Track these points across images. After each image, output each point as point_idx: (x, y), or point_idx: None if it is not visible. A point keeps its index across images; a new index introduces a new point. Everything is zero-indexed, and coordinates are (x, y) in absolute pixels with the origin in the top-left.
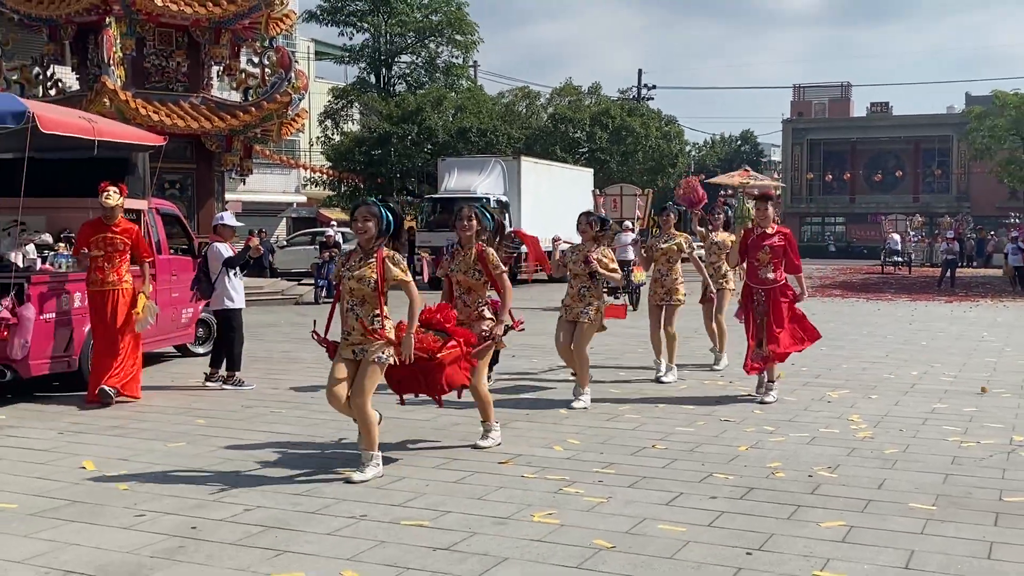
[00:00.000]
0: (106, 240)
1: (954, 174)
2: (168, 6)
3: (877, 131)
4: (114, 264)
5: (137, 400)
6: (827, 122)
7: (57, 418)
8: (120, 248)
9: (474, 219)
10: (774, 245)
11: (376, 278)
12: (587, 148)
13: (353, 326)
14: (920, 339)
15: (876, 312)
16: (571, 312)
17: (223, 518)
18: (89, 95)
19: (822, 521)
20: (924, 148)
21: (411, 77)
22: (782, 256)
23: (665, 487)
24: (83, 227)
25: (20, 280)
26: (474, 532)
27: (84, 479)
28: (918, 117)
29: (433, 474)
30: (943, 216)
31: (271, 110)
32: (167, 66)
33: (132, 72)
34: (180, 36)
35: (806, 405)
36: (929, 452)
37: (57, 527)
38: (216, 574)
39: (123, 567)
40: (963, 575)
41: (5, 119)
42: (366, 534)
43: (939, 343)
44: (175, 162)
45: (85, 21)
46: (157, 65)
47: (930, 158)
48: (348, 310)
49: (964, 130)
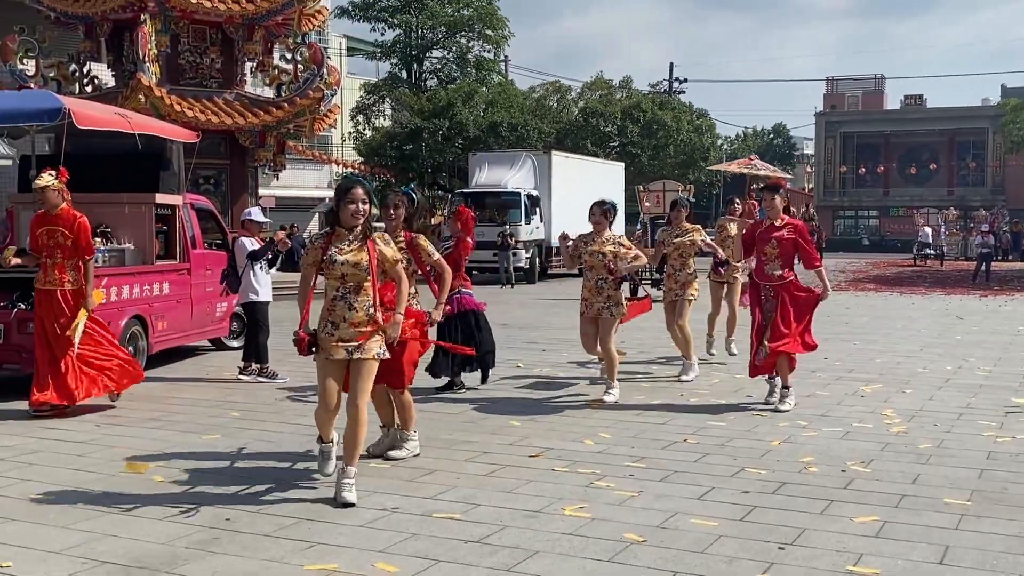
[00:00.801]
0: (48, 233)
1: (989, 167)
2: (202, 3)
3: (911, 124)
4: (55, 260)
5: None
6: (860, 115)
7: (94, 410)
8: (61, 242)
9: (401, 207)
10: (782, 239)
11: (369, 262)
12: (618, 142)
13: (344, 316)
14: (954, 333)
15: (910, 306)
16: (591, 308)
17: (257, 510)
18: (125, 92)
19: (855, 516)
20: (959, 141)
21: (442, 72)
22: (792, 251)
23: (697, 481)
24: (31, 220)
25: None
26: (505, 525)
27: (120, 471)
28: (953, 110)
29: (464, 467)
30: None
31: (304, 106)
32: (201, 62)
33: (167, 69)
34: (214, 33)
35: (839, 399)
36: (964, 447)
37: (94, 518)
38: (250, 565)
39: (158, 558)
40: (999, 571)
41: (42, 116)
42: (398, 526)
43: (974, 337)
44: (209, 158)
45: (120, 18)
46: (191, 62)
47: (965, 151)
48: (339, 299)
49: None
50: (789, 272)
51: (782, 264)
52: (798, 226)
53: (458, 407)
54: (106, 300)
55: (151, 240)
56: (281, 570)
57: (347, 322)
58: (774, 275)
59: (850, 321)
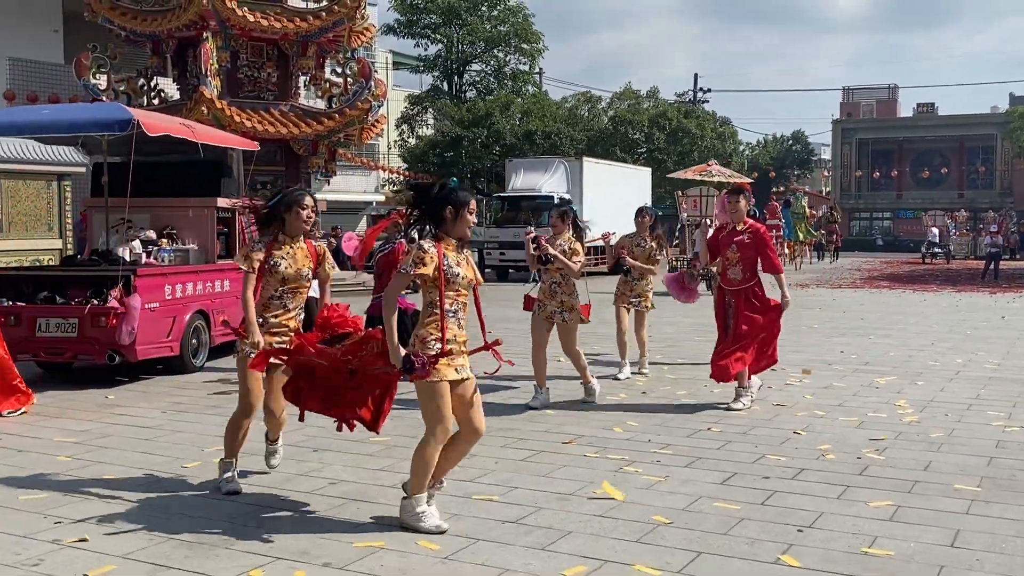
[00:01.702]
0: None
1: (997, 171)
2: (259, 22)
3: (923, 130)
4: None
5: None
6: (875, 122)
7: (160, 398)
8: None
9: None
10: (743, 243)
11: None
12: (645, 148)
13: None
14: (964, 328)
15: (922, 303)
16: (544, 310)
17: (310, 490)
18: (188, 104)
19: (870, 501)
20: (968, 146)
21: (481, 84)
22: (753, 255)
23: (720, 467)
24: None
25: (127, 273)
26: (540, 507)
27: (184, 453)
28: (963, 117)
29: (501, 452)
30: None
31: (353, 116)
32: (259, 77)
33: (227, 82)
34: (270, 49)
35: (855, 391)
36: (973, 436)
37: (161, 498)
38: (304, 542)
39: (218, 534)
40: (1008, 553)
41: (114, 126)
42: (440, 506)
43: (983, 332)
44: (266, 165)
45: (185, 36)
46: (250, 76)
47: (974, 156)
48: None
49: (1007, 129)
50: (751, 277)
51: (743, 269)
52: (758, 230)
53: (493, 398)
54: (172, 296)
55: (213, 241)
56: (332, 546)
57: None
58: (735, 280)
59: (865, 317)
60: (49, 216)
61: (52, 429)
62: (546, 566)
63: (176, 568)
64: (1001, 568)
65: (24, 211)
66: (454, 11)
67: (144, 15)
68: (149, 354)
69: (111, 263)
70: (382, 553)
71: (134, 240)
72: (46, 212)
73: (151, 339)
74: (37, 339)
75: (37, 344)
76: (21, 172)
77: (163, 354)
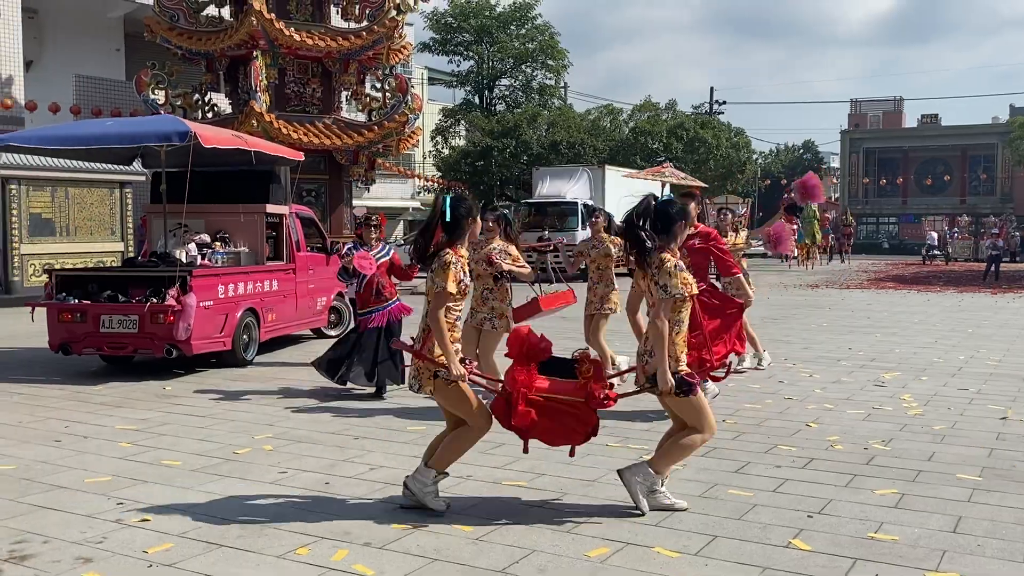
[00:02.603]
0: None
1: (998, 178)
2: (305, 41)
3: (927, 140)
4: None
5: None
6: (881, 132)
7: (214, 389)
8: None
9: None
10: (693, 248)
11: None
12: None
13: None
14: (966, 327)
15: (926, 302)
16: (475, 318)
17: (352, 475)
18: (240, 117)
19: (877, 489)
20: (971, 155)
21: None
22: (704, 260)
23: (734, 457)
24: None
25: (184, 273)
26: (565, 492)
27: (236, 440)
28: (965, 127)
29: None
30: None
31: (391, 128)
32: (304, 92)
33: (275, 97)
34: (315, 66)
35: (862, 385)
36: (975, 428)
37: (214, 481)
38: (346, 525)
39: (267, 516)
40: (1008, 539)
41: (172, 137)
42: (472, 491)
43: (984, 331)
44: (311, 173)
45: (236, 55)
46: (296, 91)
47: (976, 164)
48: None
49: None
50: (702, 283)
51: (694, 274)
52: (709, 234)
53: None
54: (224, 295)
55: (262, 244)
56: (371, 527)
57: None
58: None
59: (871, 316)
60: (112, 221)
61: (114, 418)
62: (571, 548)
63: (228, 546)
64: (1001, 553)
65: (89, 216)
66: (485, 30)
67: (199, 35)
68: (203, 348)
69: (169, 264)
70: (418, 534)
71: (190, 243)
72: (109, 217)
73: (205, 335)
74: (101, 334)
75: (101, 339)
76: (86, 180)
77: (216, 348)
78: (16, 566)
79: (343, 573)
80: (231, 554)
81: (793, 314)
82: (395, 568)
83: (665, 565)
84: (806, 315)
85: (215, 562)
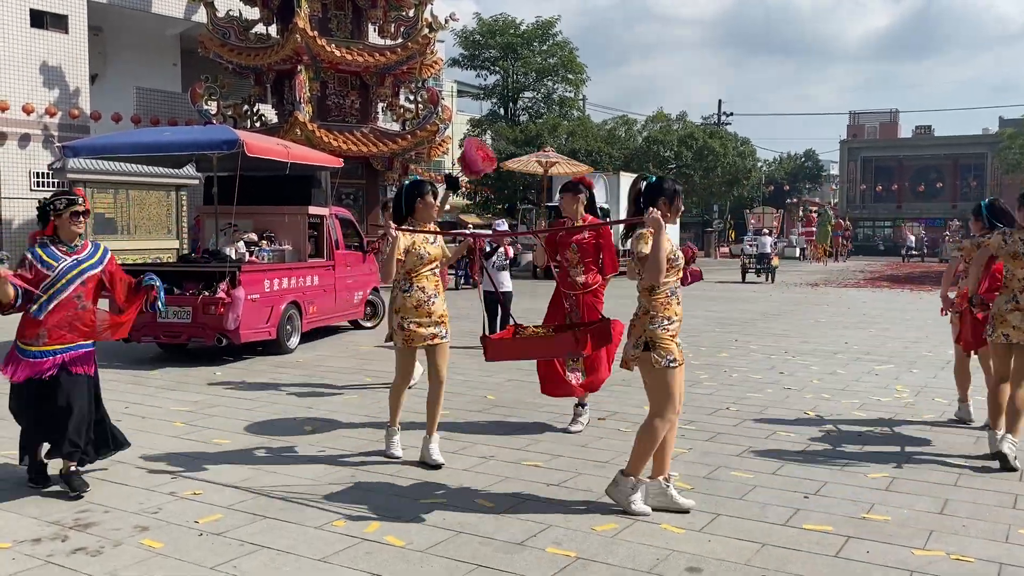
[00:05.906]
0: None
1: (988, 186)
2: (345, 57)
3: (921, 149)
4: None
5: None
6: (878, 142)
7: (260, 375)
8: None
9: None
10: (583, 243)
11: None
12: (675, 165)
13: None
14: None
15: (918, 300)
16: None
17: (383, 456)
18: (285, 126)
19: (869, 473)
20: (962, 164)
21: (532, 109)
22: (595, 254)
23: (737, 442)
24: None
25: (233, 269)
26: (579, 473)
27: (280, 422)
28: (957, 138)
29: (546, 425)
30: None
31: (423, 137)
32: (344, 103)
33: (318, 108)
34: (354, 80)
35: (857, 377)
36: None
37: (260, 459)
38: (379, 499)
39: (306, 491)
40: (990, 520)
41: (222, 145)
42: (494, 471)
43: None
44: (349, 178)
45: (282, 69)
46: (336, 103)
47: (967, 172)
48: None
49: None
50: (594, 277)
51: (585, 270)
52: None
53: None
54: (270, 289)
55: (305, 242)
56: (402, 503)
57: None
58: (577, 282)
59: (867, 312)
60: (168, 221)
61: (169, 400)
62: (583, 523)
63: (271, 518)
64: (984, 533)
65: (147, 216)
66: (510, 46)
67: (248, 51)
68: (251, 338)
69: (220, 261)
70: (444, 510)
71: (239, 241)
72: (166, 217)
73: (252, 325)
74: (158, 324)
75: (158, 328)
76: (146, 184)
77: (262, 338)
78: (80, 533)
79: (375, 543)
80: (274, 524)
81: (793, 310)
82: (423, 540)
83: (671, 540)
84: (805, 311)
85: (260, 531)
